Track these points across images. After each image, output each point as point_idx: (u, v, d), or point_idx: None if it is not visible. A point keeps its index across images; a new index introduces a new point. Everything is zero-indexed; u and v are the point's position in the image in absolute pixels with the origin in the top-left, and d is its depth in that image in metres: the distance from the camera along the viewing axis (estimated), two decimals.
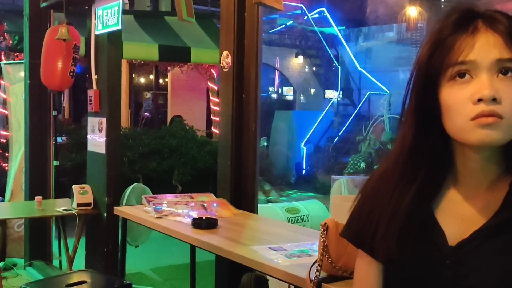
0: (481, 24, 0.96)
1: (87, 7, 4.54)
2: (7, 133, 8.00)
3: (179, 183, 8.40)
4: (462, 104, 0.94)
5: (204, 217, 2.63)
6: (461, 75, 0.95)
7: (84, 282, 2.64)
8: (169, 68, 10.36)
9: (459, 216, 1.02)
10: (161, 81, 12.22)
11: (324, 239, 1.83)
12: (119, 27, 3.85)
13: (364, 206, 1.13)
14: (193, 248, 3.25)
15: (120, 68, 4.35)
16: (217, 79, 10.21)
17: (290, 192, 8.58)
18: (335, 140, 11.35)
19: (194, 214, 2.78)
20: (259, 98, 3.11)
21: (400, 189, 1.06)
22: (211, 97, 10.14)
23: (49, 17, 5.21)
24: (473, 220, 1.00)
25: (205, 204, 2.94)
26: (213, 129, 10.14)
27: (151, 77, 12.41)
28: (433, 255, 1.00)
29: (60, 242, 5.43)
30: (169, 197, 3.13)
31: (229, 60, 3.08)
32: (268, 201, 7.59)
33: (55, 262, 5.40)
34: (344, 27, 11.82)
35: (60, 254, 5.44)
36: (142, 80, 12.80)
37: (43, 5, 4.73)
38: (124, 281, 2.73)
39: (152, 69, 11.05)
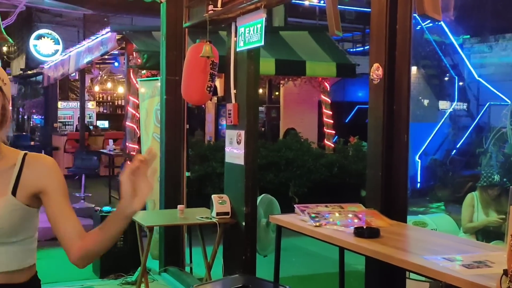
0: None
1: (223, 25, 4.78)
2: (135, 146, 8.56)
3: (295, 195, 8.49)
4: None
5: (365, 227, 2.68)
6: None
7: (247, 286, 2.76)
8: (282, 82, 10.55)
9: None
10: (272, 94, 12.47)
11: None
12: (262, 43, 4.01)
13: None
14: (341, 257, 3.30)
15: (258, 83, 4.52)
16: (330, 92, 10.25)
17: (439, 204, 8.41)
18: (452, 153, 10.98)
19: (350, 224, 2.83)
20: (409, 109, 3.12)
21: None
22: (324, 110, 10.18)
23: (184, 36, 5.53)
24: None
25: (359, 214, 2.98)
26: (326, 142, 10.16)
27: (260, 90, 12.69)
28: None
29: (191, 249, 5.69)
30: (320, 206, 3.20)
31: (380, 72, 3.11)
32: None
33: (186, 269, 5.64)
34: (468, 36, 11.45)
35: (190, 261, 5.69)
36: None
37: (185, 25, 5.02)
38: (284, 287, 2.82)
39: (266, 83, 11.29)
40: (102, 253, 1.64)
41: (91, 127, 14.90)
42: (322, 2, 13.13)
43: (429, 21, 11.62)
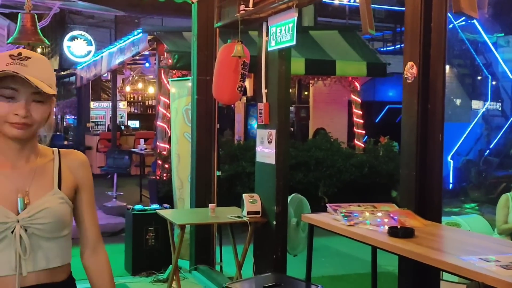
0: None
1: (254, 25, 4.79)
2: (166, 146, 8.64)
3: (325, 195, 8.46)
4: None
5: (399, 226, 2.65)
6: None
7: (279, 285, 2.76)
8: (312, 81, 10.51)
9: None
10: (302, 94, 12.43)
11: None
12: (293, 43, 4.00)
13: None
14: (374, 257, 3.28)
15: (289, 82, 4.51)
16: (360, 91, 10.18)
17: (473, 204, 8.28)
18: (485, 154, 10.79)
19: (380, 223, 2.81)
20: (444, 108, 3.08)
21: None
22: (354, 110, 10.11)
23: (215, 36, 5.55)
24: None
25: (391, 214, 2.96)
26: (356, 142, 10.09)
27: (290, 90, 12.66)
28: None
29: (221, 248, 5.72)
30: (352, 206, 3.18)
31: (414, 71, 3.08)
32: None
33: (216, 267, 5.67)
34: (502, 34, 11.24)
35: (221, 260, 5.72)
36: None
37: (217, 25, 5.05)
38: (316, 286, 2.82)
39: (295, 83, 11.27)
40: None
41: (122, 127, 15.11)
42: (351, 1, 13.05)
43: (462, 19, 11.43)
